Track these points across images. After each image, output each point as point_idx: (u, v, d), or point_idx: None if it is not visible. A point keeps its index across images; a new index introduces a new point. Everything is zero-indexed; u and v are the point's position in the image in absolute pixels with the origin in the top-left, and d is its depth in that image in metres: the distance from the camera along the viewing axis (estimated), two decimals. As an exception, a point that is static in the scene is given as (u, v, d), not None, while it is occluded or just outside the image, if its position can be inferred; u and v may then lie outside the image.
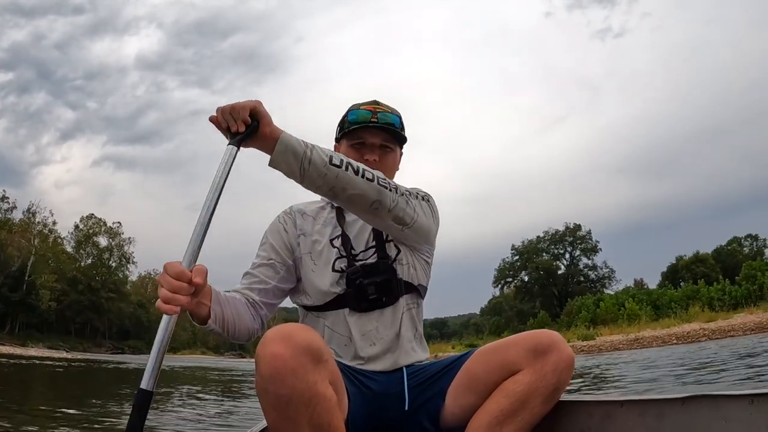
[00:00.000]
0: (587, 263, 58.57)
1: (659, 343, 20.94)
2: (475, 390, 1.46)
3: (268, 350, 1.16)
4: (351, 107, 1.72)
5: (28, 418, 5.00)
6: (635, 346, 21.75)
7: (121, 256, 72.16)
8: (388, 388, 1.53)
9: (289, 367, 1.14)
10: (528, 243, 60.18)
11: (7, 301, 51.16)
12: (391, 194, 1.50)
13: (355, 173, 1.43)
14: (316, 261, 1.62)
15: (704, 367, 8.39)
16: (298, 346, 1.16)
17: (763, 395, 1.20)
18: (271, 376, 1.14)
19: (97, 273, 67.46)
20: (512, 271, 60.58)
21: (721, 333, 19.45)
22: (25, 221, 58.67)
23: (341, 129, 1.73)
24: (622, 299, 34.51)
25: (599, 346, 23.76)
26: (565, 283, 57.67)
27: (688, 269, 46.91)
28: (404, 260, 1.63)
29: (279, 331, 1.19)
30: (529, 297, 58.62)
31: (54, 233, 64.29)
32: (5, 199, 57.43)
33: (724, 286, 29.14)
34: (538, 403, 1.40)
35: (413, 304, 1.65)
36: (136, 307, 73.35)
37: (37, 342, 51.25)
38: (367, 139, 1.67)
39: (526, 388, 1.39)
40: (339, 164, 1.41)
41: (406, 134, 1.75)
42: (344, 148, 1.71)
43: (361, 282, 1.56)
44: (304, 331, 1.22)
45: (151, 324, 75.35)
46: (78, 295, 62.04)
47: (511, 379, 1.42)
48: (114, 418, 5.30)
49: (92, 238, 69.82)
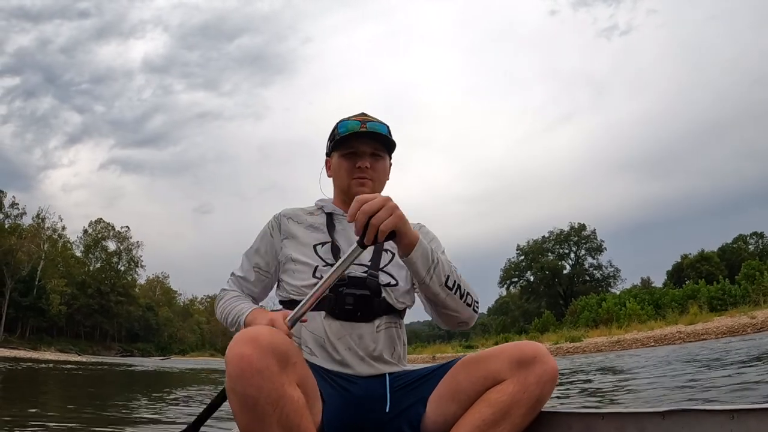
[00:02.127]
0: (592, 263, 58.76)
1: (638, 345, 21.30)
2: (458, 399, 1.46)
3: (236, 351, 1.17)
4: (340, 120, 1.74)
5: (93, 417, 5.33)
6: (616, 347, 22.07)
7: (129, 259, 73.02)
8: (369, 392, 1.52)
9: (255, 368, 1.15)
10: (533, 243, 60.28)
11: (17, 306, 51.83)
12: (475, 315, 1.58)
13: (461, 297, 1.51)
14: (297, 264, 1.65)
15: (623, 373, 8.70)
16: (264, 347, 1.18)
17: (743, 410, 1.20)
18: (238, 377, 1.16)
19: (106, 277, 68.27)
20: (518, 271, 60.66)
21: (695, 336, 19.79)
22: (34, 226, 59.32)
23: (332, 141, 1.74)
24: (624, 299, 34.57)
25: (583, 348, 24.10)
26: (571, 282, 57.73)
27: (693, 268, 46.77)
28: (395, 293, 1.65)
29: (247, 333, 1.22)
30: (535, 297, 58.72)
31: (63, 238, 65.21)
32: (15, 205, 58.18)
33: (724, 285, 29.14)
34: (521, 414, 1.41)
35: (393, 324, 1.63)
36: (144, 310, 74.05)
37: (49, 345, 51.95)
38: (358, 147, 1.68)
39: (509, 399, 1.40)
40: (451, 287, 1.49)
41: (395, 141, 1.77)
42: (336, 160, 1.72)
43: (343, 290, 1.55)
44: (271, 334, 1.23)
45: (159, 326, 76.16)
46: (87, 299, 62.78)
47: (494, 389, 1.43)
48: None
49: (101, 243, 70.66)
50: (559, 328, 36.93)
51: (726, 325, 19.94)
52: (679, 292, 32.64)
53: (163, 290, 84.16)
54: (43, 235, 59.64)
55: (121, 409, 6.47)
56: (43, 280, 55.28)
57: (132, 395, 8.96)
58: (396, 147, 1.77)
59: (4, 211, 56.95)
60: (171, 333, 79.14)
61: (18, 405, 6.13)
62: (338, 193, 1.78)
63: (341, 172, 1.71)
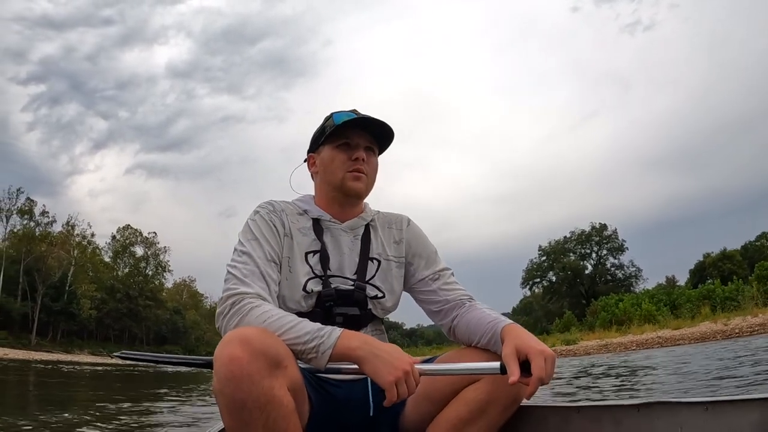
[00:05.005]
0: (614, 262, 58.21)
1: (621, 349, 21.43)
2: (433, 399, 1.45)
3: (226, 352, 1.14)
4: (332, 113, 1.61)
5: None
6: (602, 351, 22.20)
7: (157, 264, 74.33)
8: (352, 395, 1.50)
9: (246, 372, 1.12)
10: (555, 243, 59.96)
11: (49, 311, 53.50)
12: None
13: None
14: (290, 271, 1.52)
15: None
16: (255, 350, 1.14)
17: (718, 402, 1.21)
18: (227, 379, 1.13)
19: (134, 281, 69.50)
20: (540, 271, 60.38)
21: (671, 341, 19.91)
22: (64, 233, 60.94)
23: (322, 134, 1.61)
24: (641, 299, 34.25)
25: (574, 351, 24.22)
26: (592, 282, 57.22)
27: (715, 266, 45.94)
28: (381, 305, 1.61)
29: (238, 334, 1.18)
30: (557, 297, 58.38)
31: (92, 244, 66.74)
32: (45, 213, 59.81)
33: (738, 285, 28.61)
34: (498, 411, 1.41)
35: (376, 330, 1.60)
36: (172, 313, 75.36)
37: (81, 348, 53.53)
38: (353, 138, 1.57)
39: (485, 397, 1.39)
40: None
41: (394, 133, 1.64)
42: (328, 152, 1.59)
43: (331, 306, 1.50)
44: (263, 336, 1.19)
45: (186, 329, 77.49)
46: (116, 303, 64.16)
47: (471, 386, 1.41)
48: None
49: (129, 248, 72.17)
50: (579, 329, 36.75)
51: (700, 331, 19.97)
52: (694, 292, 32.10)
53: (189, 294, 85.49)
54: (72, 241, 61.36)
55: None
56: (74, 285, 56.81)
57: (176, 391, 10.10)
58: (390, 144, 1.66)
59: (35, 219, 58.73)
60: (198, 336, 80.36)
61: (106, 400, 7.61)
62: (327, 191, 1.63)
63: (334, 164, 1.58)
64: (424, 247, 1.69)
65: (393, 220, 1.72)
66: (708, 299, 28.76)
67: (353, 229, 1.63)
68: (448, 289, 1.62)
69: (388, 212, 1.75)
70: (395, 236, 1.69)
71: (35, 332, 51.94)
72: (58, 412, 5.79)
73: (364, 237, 1.64)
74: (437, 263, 1.67)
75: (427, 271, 1.65)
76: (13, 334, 49.44)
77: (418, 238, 1.71)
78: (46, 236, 57.18)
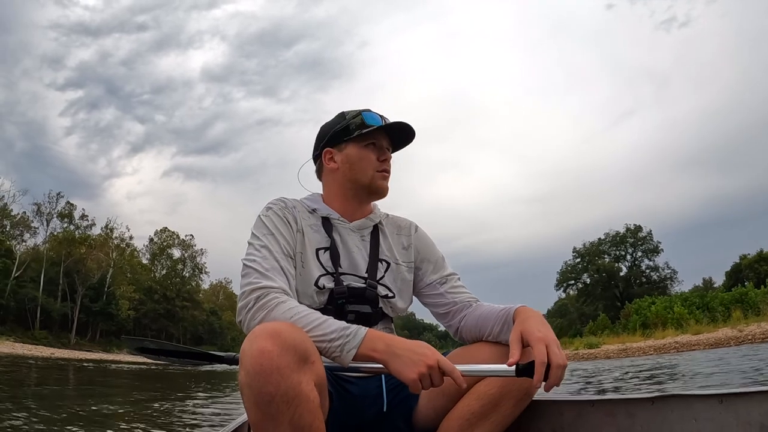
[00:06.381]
0: (649, 264, 56.70)
1: (639, 353, 21.19)
2: (447, 392, 1.43)
3: (256, 346, 1.12)
4: (361, 111, 1.63)
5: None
6: (622, 355, 21.87)
7: (194, 266, 75.95)
8: (367, 391, 1.52)
9: (275, 365, 1.10)
10: (589, 245, 58.82)
11: (88, 311, 55.32)
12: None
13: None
14: (303, 266, 1.53)
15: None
16: (285, 344, 1.13)
17: (732, 394, 1.21)
18: (256, 373, 1.11)
19: (171, 283, 71.18)
20: (574, 273, 59.34)
21: (687, 346, 19.59)
22: (103, 236, 62.79)
23: (346, 131, 1.61)
24: (673, 302, 33.32)
25: (596, 354, 23.88)
26: (627, 284, 55.85)
27: (751, 268, 44.23)
28: (391, 304, 1.63)
29: (267, 328, 1.16)
30: (592, 299, 57.21)
31: (131, 247, 68.58)
32: (84, 217, 61.90)
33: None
34: (510, 405, 1.41)
35: (386, 328, 1.62)
36: (208, 314, 76.92)
37: (120, 348, 55.01)
38: (379, 140, 1.61)
39: (498, 391, 1.39)
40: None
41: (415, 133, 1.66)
42: (355, 151, 1.60)
43: (344, 304, 1.52)
44: (293, 330, 1.18)
45: (222, 330, 78.91)
46: (154, 304, 65.78)
47: (484, 381, 1.42)
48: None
49: (166, 251, 73.92)
50: (613, 332, 36.07)
51: (715, 337, 19.44)
52: (727, 295, 31.03)
53: (226, 295, 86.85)
54: (111, 244, 63.08)
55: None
56: (112, 286, 58.52)
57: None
58: (402, 149, 1.70)
59: (75, 223, 60.81)
60: (234, 336, 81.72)
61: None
62: (347, 188, 1.64)
63: (363, 163, 1.60)
64: (432, 253, 1.73)
65: (402, 225, 1.76)
66: (740, 302, 27.82)
67: (361, 229, 1.66)
68: (455, 292, 1.67)
69: (396, 216, 1.79)
70: (404, 242, 1.72)
71: (74, 332, 53.73)
72: (140, 405, 6.89)
73: (373, 238, 1.67)
74: (444, 268, 1.72)
75: (435, 275, 1.70)
76: (53, 334, 51.27)
77: (426, 245, 1.74)
78: (86, 239, 58.97)
